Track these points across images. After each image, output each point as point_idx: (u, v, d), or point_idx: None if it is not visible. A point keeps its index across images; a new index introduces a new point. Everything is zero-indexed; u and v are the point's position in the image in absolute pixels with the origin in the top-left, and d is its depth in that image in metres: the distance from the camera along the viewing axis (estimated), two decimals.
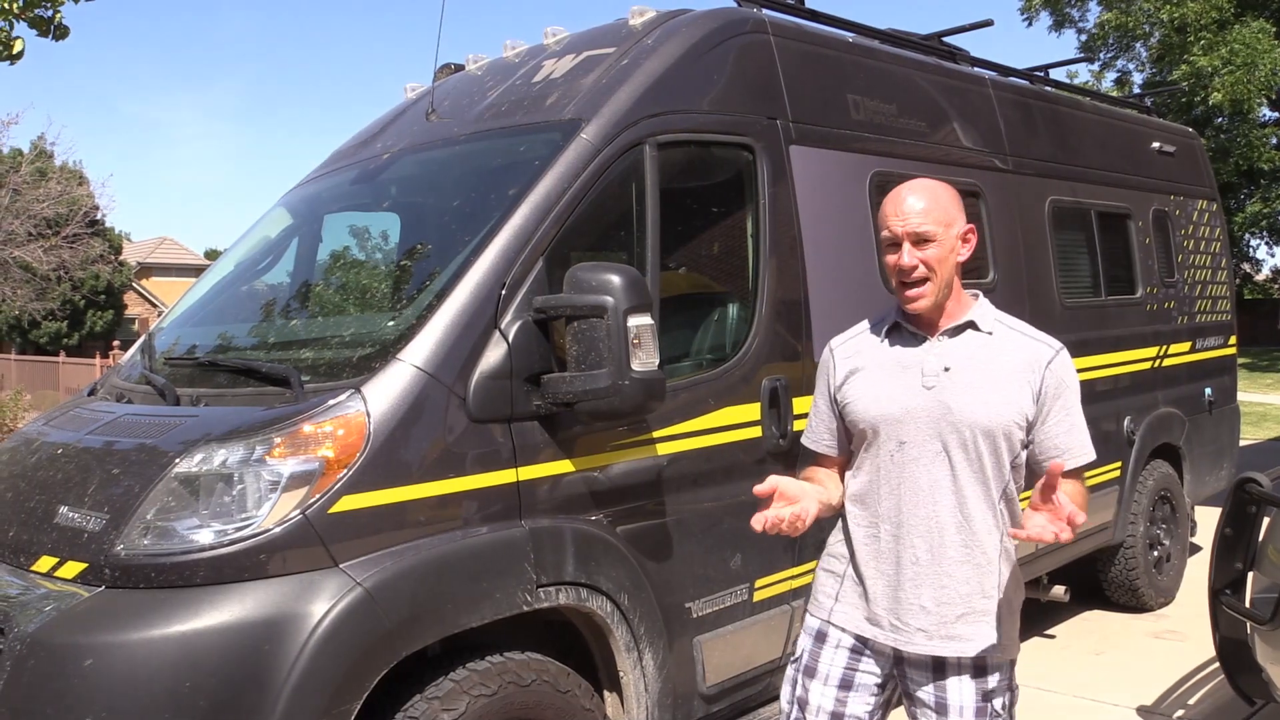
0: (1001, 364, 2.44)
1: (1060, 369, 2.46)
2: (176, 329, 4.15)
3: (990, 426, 2.40)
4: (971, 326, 2.49)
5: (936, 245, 2.42)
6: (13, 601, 2.82)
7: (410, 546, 2.88)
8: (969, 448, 2.41)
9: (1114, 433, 5.87)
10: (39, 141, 26.78)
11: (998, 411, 2.40)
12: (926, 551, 2.44)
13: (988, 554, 2.44)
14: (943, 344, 2.48)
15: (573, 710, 3.11)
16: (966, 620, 2.43)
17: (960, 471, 2.42)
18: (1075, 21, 28.46)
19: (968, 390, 2.42)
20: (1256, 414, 15.78)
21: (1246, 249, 32.79)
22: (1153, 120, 7.32)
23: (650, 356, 3.09)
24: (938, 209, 2.44)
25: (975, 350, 2.46)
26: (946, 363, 2.45)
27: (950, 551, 2.43)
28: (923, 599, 2.44)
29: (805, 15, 4.64)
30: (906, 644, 2.46)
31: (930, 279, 2.43)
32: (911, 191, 2.48)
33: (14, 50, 6.79)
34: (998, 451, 2.42)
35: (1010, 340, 2.49)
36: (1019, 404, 2.42)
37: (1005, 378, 2.43)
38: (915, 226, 2.42)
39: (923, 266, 2.42)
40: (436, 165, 4.09)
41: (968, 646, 2.43)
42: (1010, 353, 2.46)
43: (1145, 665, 5.43)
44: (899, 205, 2.46)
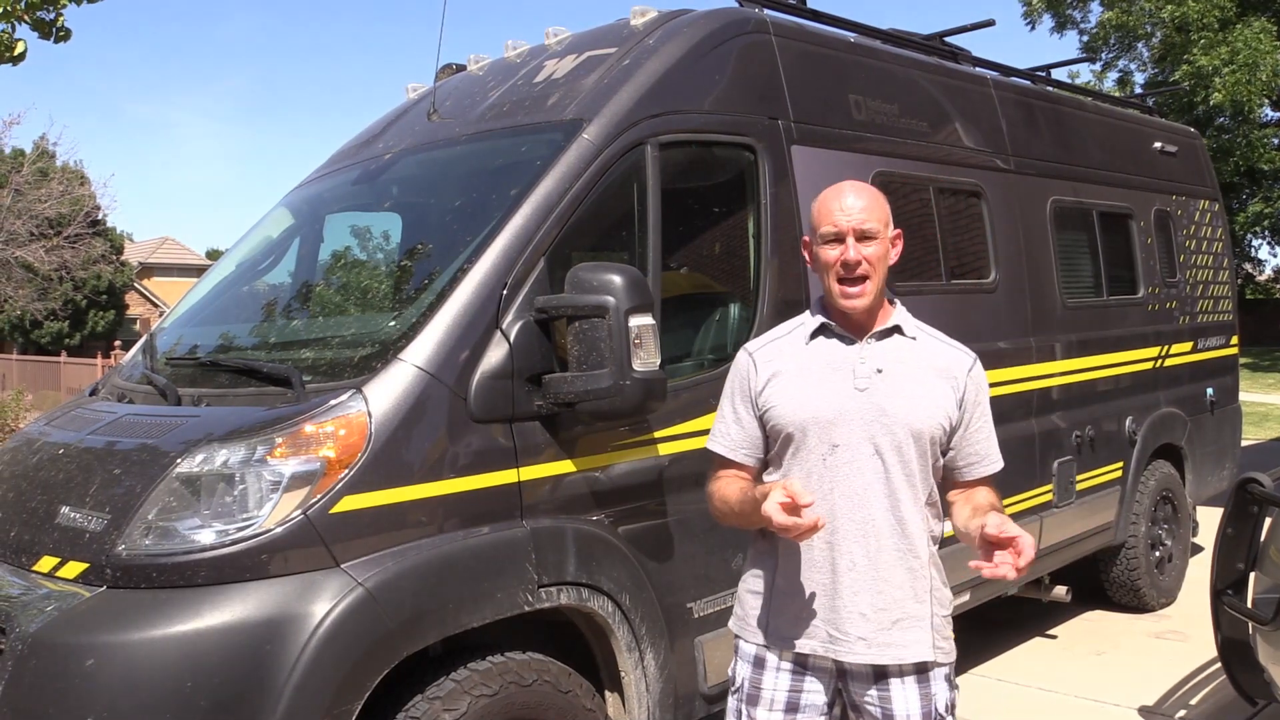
0: (927, 368, 2.46)
1: (979, 377, 2.51)
2: (178, 329, 4.15)
3: (920, 428, 2.40)
4: (898, 331, 2.49)
5: (878, 243, 2.43)
6: (14, 602, 2.82)
7: (412, 546, 2.88)
8: (901, 450, 2.40)
9: (1116, 433, 5.87)
10: (41, 141, 26.77)
11: (928, 414, 2.41)
12: (864, 556, 2.39)
13: (920, 557, 2.43)
14: (872, 347, 2.46)
15: (574, 710, 3.11)
16: (902, 626, 2.40)
17: (893, 474, 2.40)
18: (1077, 23, 28.44)
19: (899, 393, 2.42)
20: (1258, 414, 15.77)
21: (1248, 249, 32.76)
22: (1155, 120, 7.31)
23: (652, 356, 3.09)
24: (878, 208, 2.46)
25: (903, 354, 2.46)
26: (878, 364, 2.44)
27: (886, 555, 2.40)
28: (861, 605, 2.39)
29: (807, 15, 4.64)
30: (847, 654, 2.40)
31: (870, 277, 2.42)
32: (852, 189, 2.48)
33: (16, 52, 6.79)
34: (924, 454, 2.43)
35: (932, 346, 2.51)
36: (945, 408, 2.44)
37: (932, 382, 2.45)
38: (860, 223, 2.42)
39: (865, 263, 2.41)
40: (438, 165, 4.09)
41: (905, 653, 2.40)
42: (933, 358, 2.48)
43: (1147, 665, 5.42)
44: (841, 201, 2.45)
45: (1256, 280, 40.61)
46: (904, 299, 2.60)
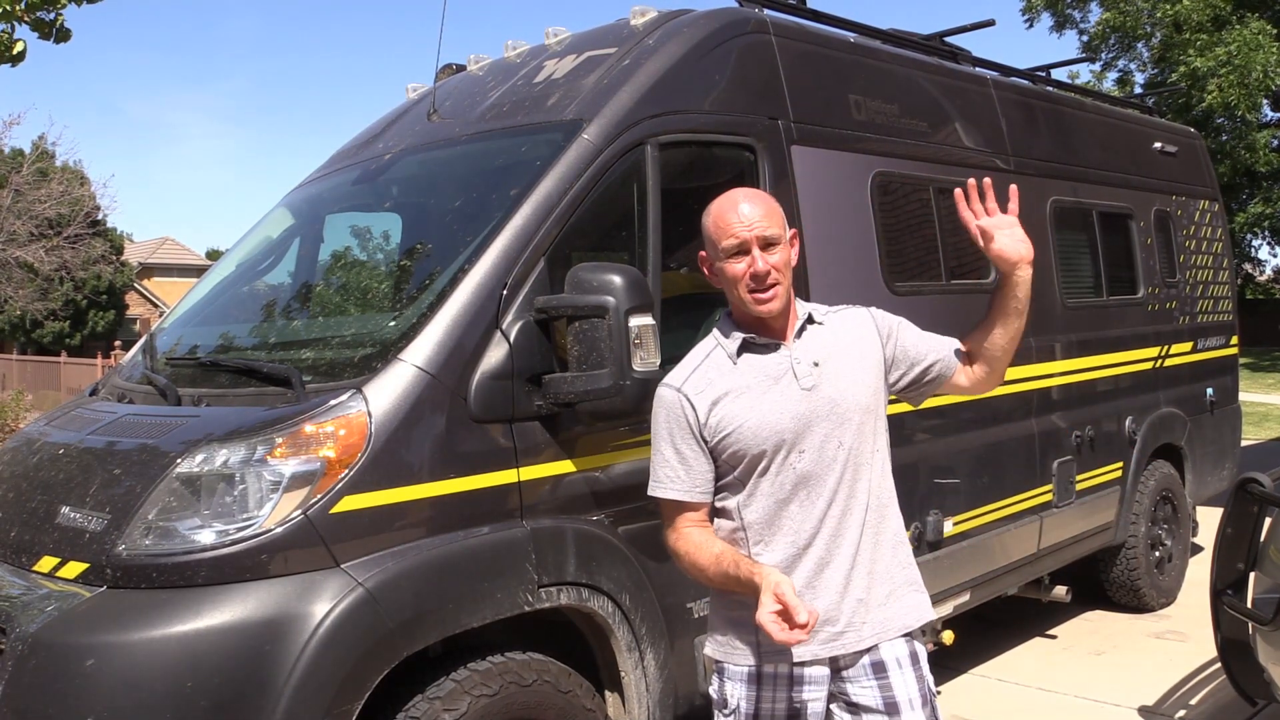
0: (846, 339, 2.49)
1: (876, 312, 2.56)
2: (178, 329, 4.15)
3: (868, 404, 2.44)
4: (810, 321, 2.51)
5: (781, 248, 2.42)
6: (15, 602, 2.82)
7: (412, 547, 2.89)
8: (862, 431, 2.42)
9: (1115, 433, 5.87)
10: (40, 141, 26.76)
11: (869, 383, 2.45)
12: (850, 546, 2.41)
13: (898, 527, 2.50)
14: (798, 345, 2.47)
15: (574, 710, 3.11)
16: (896, 596, 2.45)
17: (863, 457, 2.43)
18: (1076, 23, 28.44)
19: (840, 377, 2.43)
20: (1258, 414, 15.77)
21: (1248, 249, 32.76)
22: (1154, 120, 7.31)
23: (652, 356, 3.09)
24: (775, 213, 2.44)
25: (824, 339, 2.48)
26: (814, 358, 2.44)
27: (869, 538, 2.43)
28: (859, 593, 2.41)
29: (807, 15, 4.64)
30: (855, 644, 2.39)
31: (780, 282, 2.41)
32: (745, 198, 2.45)
33: (15, 51, 6.79)
34: (877, 425, 2.47)
35: (837, 320, 2.53)
36: (877, 364, 2.49)
37: (857, 350, 2.48)
38: (762, 230, 2.39)
39: (774, 271, 2.40)
40: (438, 165, 4.09)
41: (909, 618, 2.46)
42: (844, 329, 2.51)
43: (1147, 665, 5.42)
44: (737, 213, 2.41)
45: (1256, 280, 40.60)
46: (904, 299, 2.62)
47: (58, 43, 6.97)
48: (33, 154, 25.99)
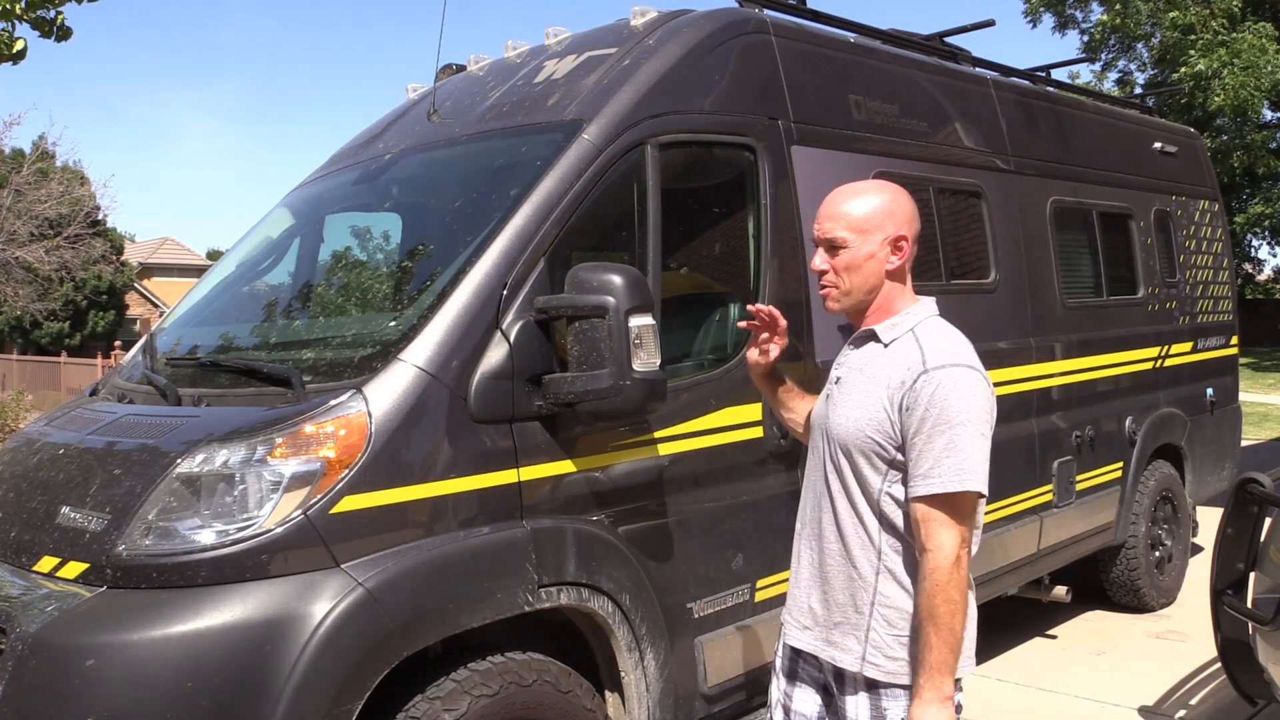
0: (879, 378, 2.37)
1: (932, 384, 2.25)
2: (178, 329, 4.15)
3: (846, 440, 2.37)
4: (873, 337, 2.44)
5: (848, 252, 2.41)
6: (15, 602, 2.82)
7: (412, 547, 2.88)
8: (836, 461, 2.42)
9: (1116, 433, 5.87)
10: (41, 141, 26.77)
11: (857, 427, 2.35)
12: (817, 555, 2.48)
13: (860, 570, 2.38)
14: (849, 353, 2.51)
15: (574, 710, 3.11)
16: (841, 630, 2.42)
17: (833, 486, 2.43)
18: (1078, 22, 28.44)
19: (840, 403, 2.43)
20: (1258, 414, 15.77)
21: (1248, 249, 32.76)
22: (1154, 120, 7.31)
23: (652, 357, 3.09)
24: (857, 215, 2.41)
25: (866, 362, 2.43)
26: (840, 373, 2.49)
27: (830, 561, 2.44)
28: (812, 600, 2.49)
29: (807, 15, 4.63)
30: (794, 640, 2.54)
31: (836, 285, 2.44)
32: (840, 194, 2.48)
33: (15, 50, 6.79)
34: (857, 468, 2.36)
35: (901, 353, 2.36)
36: (878, 419, 2.31)
37: (874, 392, 2.35)
38: (829, 232, 2.43)
39: (831, 273, 2.44)
40: (438, 166, 4.09)
41: (838, 655, 2.41)
42: (890, 366, 2.36)
43: (1147, 665, 5.42)
44: (823, 208, 2.48)
45: (1256, 280, 40.60)
46: None
47: (58, 41, 6.97)
48: (33, 154, 25.99)
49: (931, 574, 2.20)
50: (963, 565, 2.22)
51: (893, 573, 2.36)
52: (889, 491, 2.34)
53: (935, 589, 2.19)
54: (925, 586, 2.21)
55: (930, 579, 2.20)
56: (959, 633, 2.21)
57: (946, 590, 2.19)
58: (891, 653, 2.34)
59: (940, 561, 2.20)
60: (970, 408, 2.24)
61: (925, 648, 2.21)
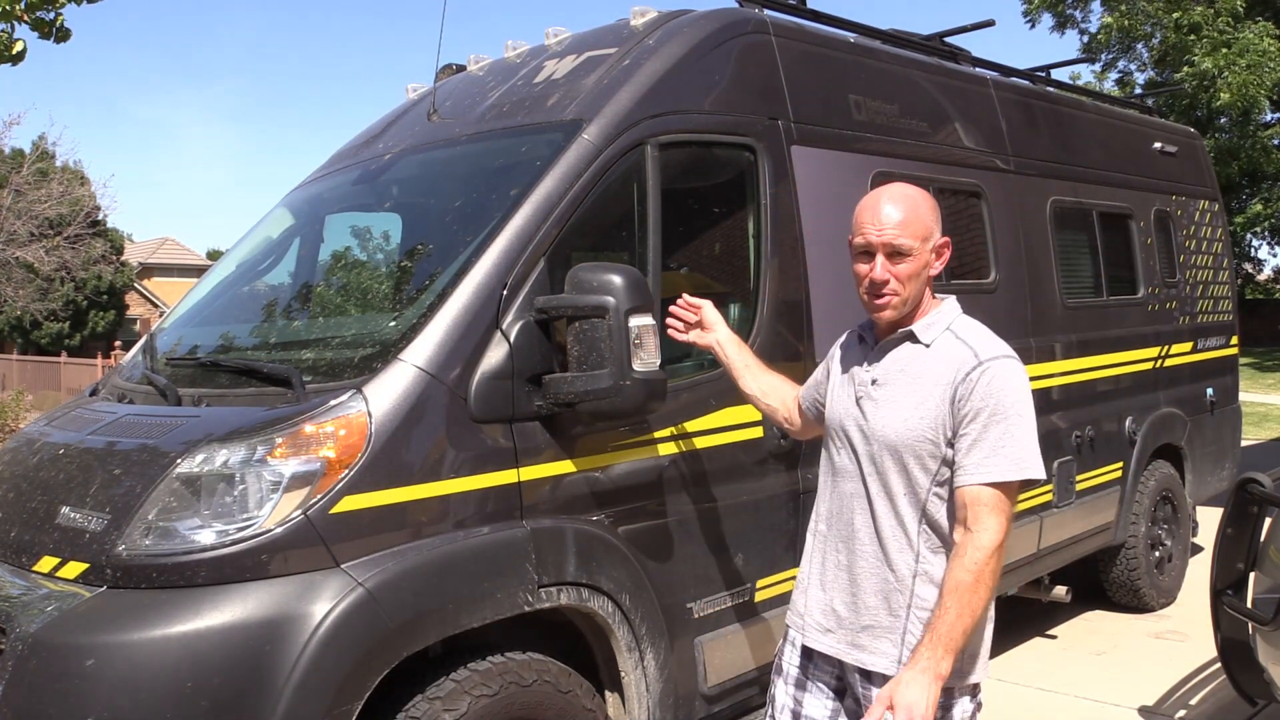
0: (926, 377, 2.34)
1: (989, 376, 2.27)
2: (178, 329, 4.15)
3: (895, 443, 2.33)
4: (910, 337, 2.41)
5: (911, 260, 2.36)
6: (14, 602, 2.82)
7: (412, 547, 2.88)
8: (879, 464, 2.38)
9: (1116, 433, 5.87)
10: (40, 142, 26.75)
11: (908, 427, 2.31)
12: (846, 558, 2.45)
13: (898, 573, 2.37)
14: (882, 354, 2.46)
15: (574, 710, 3.11)
16: (871, 633, 2.39)
17: (872, 487, 2.40)
18: (1078, 22, 28.43)
19: (885, 405, 2.38)
20: (1258, 414, 15.77)
21: (1248, 249, 32.76)
22: (1154, 120, 7.31)
23: (652, 357, 3.09)
24: (916, 222, 2.37)
25: (906, 363, 2.40)
26: (875, 375, 2.43)
27: (862, 563, 2.41)
28: (835, 602, 2.45)
29: (807, 15, 4.63)
30: (811, 640, 2.50)
31: (899, 294, 2.37)
32: (891, 199, 2.40)
33: (15, 51, 6.78)
34: (906, 470, 2.34)
35: (946, 350, 2.35)
36: (931, 419, 2.30)
37: (925, 391, 2.32)
38: (891, 239, 2.35)
39: (894, 281, 2.36)
40: (438, 166, 4.09)
41: (866, 659, 2.39)
42: (938, 364, 2.34)
43: (1147, 665, 5.42)
44: (876, 213, 2.37)
45: (1256, 280, 40.60)
46: None
47: (58, 42, 6.97)
48: (33, 154, 25.98)
49: (973, 553, 2.21)
50: (1002, 556, 2.24)
51: (930, 576, 2.37)
52: (936, 490, 2.34)
53: (974, 567, 2.20)
54: (962, 563, 2.21)
55: (970, 557, 2.20)
56: (979, 617, 2.22)
57: (983, 572, 2.20)
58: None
59: (985, 543, 2.21)
60: (1023, 398, 2.29)
61: (940, 619, 2.20)
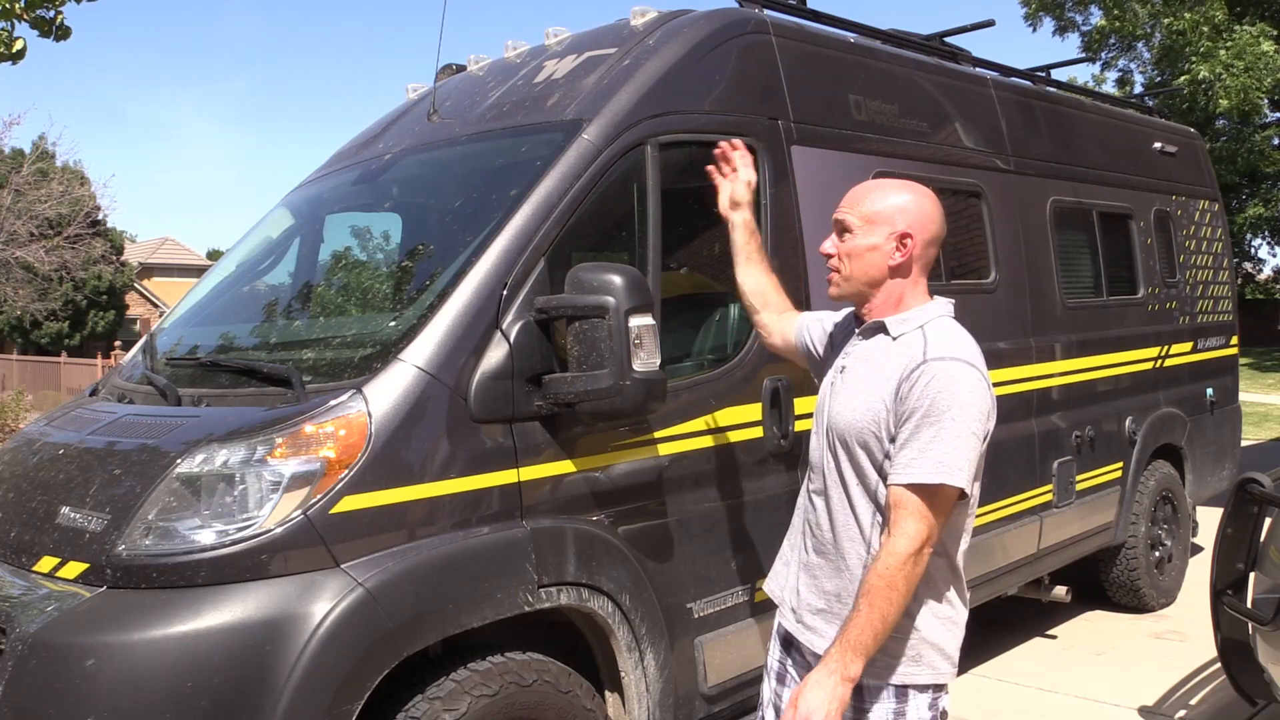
0: (883, 369, 2.36)
1: (929, 375, 2.24)
2: (178, 329, 4.15)
3: (844, 430, 2.38)
4: (882, 329, 2.45)
5: (851, 239, 2.46)
6: (14, 602, 2.82)
7: (412, 547, 2.88)
8: (837, 452, 2.42)
9: (1115, 433, 5.87)
10: (40, 142, 26.76)
11: (855, 416, 2.36)
12: (808, 541, 2.52)
13: (848, 561, 2.39)
14: (855, 344, 2.52)
15: (574, 710, 3.11)
16: (824, 616, 2.44)
17: (829, 476, 2.45)
18: (1078, 26, 28.41)
19: (843, 392, 2.44)
20: (1258, 414, 15.77)
21: (1248, 249, 32.77)
22: (1154, 120, 7.31)
23: (651, 357, 3.09)
24: (869, 208, 2.46)
25: (874, 353, 2.43)
26: (845, 363, 2.51)
27: (822, 548, 2.47)
28: (800, 584, 2.52)
29: (807, 15, 4.63)
30: (780, 617, 2.58)
31: (838, 270, 2.49)
32: (864, 187, 2.55)
33: (15, 50, 6.78)
34: (855, 459, 2.36)
35: (906, 345, 2.36)
36: (875, 411, 2.32)
37: (876, 384, 2.35)
38: (841, 214, 2.50)
39: (837, 257, 2.49)
40: (438, 166, 4.09)
41: (817, 640, 2.42)
42: (895, 358, 2.35)
43: (1147, 665, 5.42)
44: (847, 195, 2.54)
45: (1256, 280, 40.62)
46: None
47: (57, 40, 6.97)
48: (33, 154, 25.98)
49: (887, 558, 2.19)
50: (921, 561, 2.19)
51: None
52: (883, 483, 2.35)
53: (886, 572, 2.18)
54: (876, 567, 2.20)
55: (884, 562, 2.19)
56: (890, 623, 2.19)
57: (895, 578, 2.18)
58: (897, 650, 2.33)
59: (900, 549, 2.19)
60: (963, 403, 2.23)
61: (851, 622, 2.20)
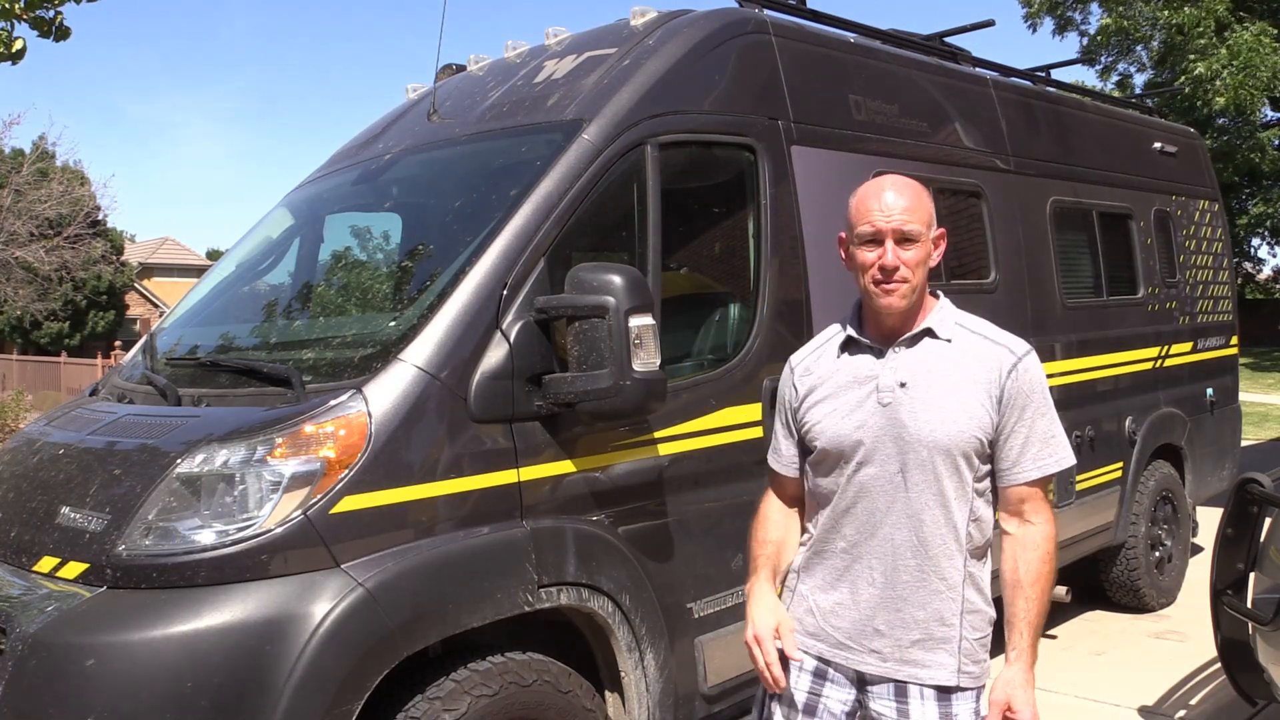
0: (960, 374, 2.29)
1: (1025, 372, 2.30)
2: (178, 329, 4.15)
3: (948, 445, 2.26)
4: (929, 334, 2.35)
5: (919, 246, 2.30)
6: (15, 602, 2.82)
7: (412, 547, 2.89)
8: (926, 468, 2.28)
9: (1115, 433, 5.87)
10: (40, 142, 26.72)
11: (957, 428, 2.26)
12: (883, 575, 2.33)
13: (948, 580, 2.32)
14: (899, 355, 2.34)
15: (574, 710, 3.11)
16: (923, 646, 2.32)
17: (916, 494, 2.29)
18: (1077, 25, 28.41)
19: (925, 407, 2.28)
20: (1258, 414, 15.77)
21: (1248, 249, 32.75)
22: (1154, 120, 7.31)
23: (651, 357, 3.09)
24: (921, 208, 2.32)
25: (934, 361, 2.32)
26: (902, 377, 2.31)
27: (906, 577, 2.32)
28: (877, 623, 2.34)
29: (807, 15, 4.64)
30: (858, 663, 2.37)
31: (908, 280, 2.29)
32: (893, 186, 2.33)
33: (14, 50, 6.78)
34: (958, 471, 2.29)
35: (971, 346, 2.32)
36: (978, 417, 2.27)
37: (965, 390, 2.28)
38: (901, 224, 2.28)
39: (904, 268, 2.28)
40: (438, 166, 4.09)
41: (923, 673, 2.32)
42: (970, 360, 2.30)
43: (1147, 666, 5.42)
44: (880, 200, 2.30)
45: (1256, 280, 40.61)
46: None
47: (57, 41, 6.96)
48: (33, 154, 25.97)
49: (1044, 543, 2.32)
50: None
51: (974, 578, 2.36)
52: (976, 488, 2.33)
53: (1047, 557, 2.31)
54: (1037, 555, 2.31)
55: (1043, 548, 2.32)
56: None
57: (1051, 558, 2.31)
58: (978, 657, 2.36)
59: (1050, 532, 2.33)
60: (1046, 387, 2.38)
61: (1027, 612, 2.28)
